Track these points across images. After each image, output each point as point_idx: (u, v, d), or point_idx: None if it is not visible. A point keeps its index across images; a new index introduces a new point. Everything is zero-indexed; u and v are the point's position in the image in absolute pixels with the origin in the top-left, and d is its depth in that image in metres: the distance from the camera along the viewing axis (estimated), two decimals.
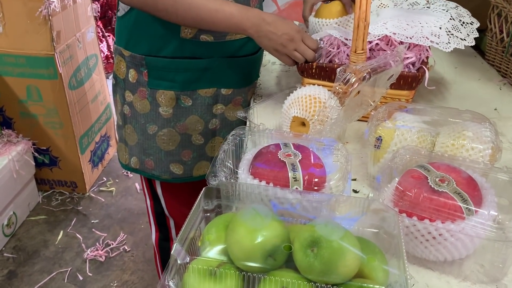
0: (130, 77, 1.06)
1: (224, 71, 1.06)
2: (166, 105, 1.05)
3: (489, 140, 0.72)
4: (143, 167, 1.14)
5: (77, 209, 2.18)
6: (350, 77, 0.74)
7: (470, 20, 1.00)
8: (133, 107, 1.08)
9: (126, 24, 1.02)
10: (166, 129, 1.07)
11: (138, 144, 1.11)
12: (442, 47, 0.91)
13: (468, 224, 0.58)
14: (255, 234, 0.53)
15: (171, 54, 1.01)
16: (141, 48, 1.02)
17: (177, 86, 1.04)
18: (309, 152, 0.71)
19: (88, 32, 2.24)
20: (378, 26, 0.94)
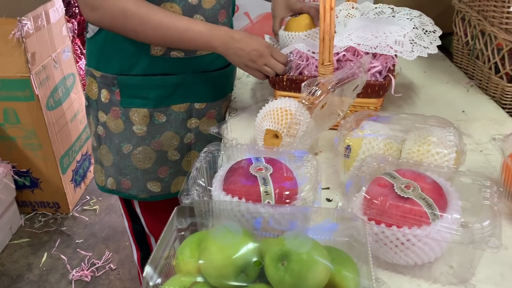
0: (102, 98, 1.06)
1: (196, 85, 1.07)
2: (140, 123, 1.05)
3: (453, 144, 0.74)
4: (120, 188, 1.14)
5: (60, 229, 2.16)
6: (315, 90, 0.76)
7: (433, 28, 1.04)
8: (107, 127, 1.08)
9: (96, 45, 1.03)
10: (141, 147, 1.08)
11: (114, 165, 1.11)
12: (405, 56, 0.93)
13: (433, 229, 0.60)
14: (226, 251, 0.54)
15: (143, 72, 1.02)
16: (112, 67, 1.02)
17: (150, 103, 1.04)
18: (281, 165, 0.72)
19: (64, 52, 2.24)
20: (344, 37, 0.97)
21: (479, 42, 1.19)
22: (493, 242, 0.57)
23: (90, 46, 1.06)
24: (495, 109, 1.10)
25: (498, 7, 1.07)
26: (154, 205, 1.19)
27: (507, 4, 1.02)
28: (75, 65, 2.37)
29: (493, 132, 0.99)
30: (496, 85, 1.13)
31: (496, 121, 1.05)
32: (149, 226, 1.25)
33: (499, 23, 1.07)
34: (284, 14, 1.13)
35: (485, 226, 0.58)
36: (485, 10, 1.14)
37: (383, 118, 0.85)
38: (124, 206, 1.24)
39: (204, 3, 0.98)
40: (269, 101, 0.92)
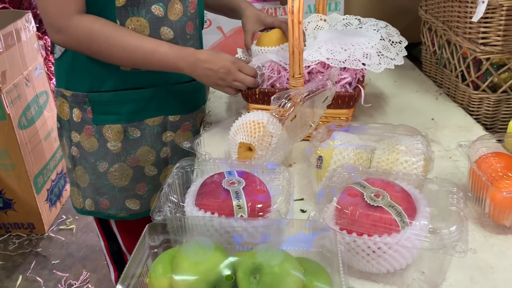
0: (74, 117, 1.05)
1: (169, 98, 1.07)
2: (114, 140, 1.05)
3: (421, 152, 0.76)
4: (99, 208, 1.12)
5: (36, 251, 2.11)
6: (285, 103, 0.77)
7: (399, 39, 1.06)
8: (81, 147, 1.07)
9: (64, 64, 1.02)
10: (117, 164, 1.07)
11: (91, 185, 1.10)
12: (373, 69, 0.95)
13: (403, 236, 0.61)
14: (198, 267, 0.54)
15: (114, 88, 1.01)
16: (82, 85, 1.02)
17: (123, 118, 1.04)
18: (253, 178, 0.73)
19: (36, 69, 2.21)
20: (313, 51, 0.98)
21: (446, 51, 1.22)
22: (460, 246, 0.58)
23: (58, 66, 1.05)
24: (463, 116, 1.13)
25: (461, 17, 1.10)
26: (131, 224, 1.17)
27: (469, 14, 1.05)
28: (48, 83, 2.34)
29: (461, 138, 1.01)
30: (463, 92, 1.16)
31: (464, 127, 1.08)
32: (127, 245, 1.23)
33: (463, 33, 1.10)
34: (255, 28, 1.14)
35: (452, 231, 0.59)
36: (449, 20, 1.17)
37: (353, 129, 0.86)
38: (99, 226, 1.22)
39: (170, 15, 0.98)
40: (242, 115, 0.93)
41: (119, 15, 0.94)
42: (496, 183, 0.71)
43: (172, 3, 0.98)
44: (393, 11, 1.55)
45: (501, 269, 0.67)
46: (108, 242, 1.23)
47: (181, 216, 0.66)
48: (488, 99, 1.10)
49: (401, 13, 1.55)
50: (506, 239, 0.72)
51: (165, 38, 1.00)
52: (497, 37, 1.01)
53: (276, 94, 0.80)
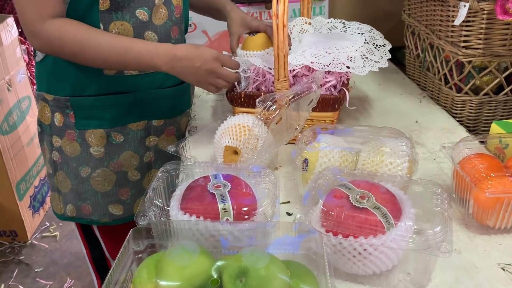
0: (56, 121, 1.03)
1: (153, 102, 1.06)
2: (97, 145, 1.03)
3: (405, 154, 0.77)
4: (80, 214, 1.10)
5: (18, 259, 2.06)
6: (269, 106, 0.77)
7: (382, 42, 1.07)
8: (63, 152, 1.05)
9: (45, 68, 1.01)
10: (100, 170, 1.06)
11: (72, 190, 1.08)
12: (357, 71, 0.96)
13: (389, 237, 0.61)
14: (183, 271, 0.53)
15: (96, 92, 1.00)
16: (64, 90, 1.00)
17: (107, 123, 1.02)
18: (239, 181, 0.72)
19: (18, 74, 2.18)
20: (298, 55, 0.98)
21: (429, 54, 1.24)
22: (444, 247, 0.58)
23: (39, 69, 1.03)
24: (447, 118, 1.15)
25: (443, 21, 1.12)
26: (115, 229, 1.16)
27: (451, 18, 1.07)
28: (31, 88, 2.30)
29: (445, 140, 1.03)
30: (447, 95, 1.17)
31: (447, 129, 1.09)
32: (110, 251, 1.21)
33: (445, 36, 1.12)
34: (241, 31, 1.14)
35: (437, 232, 0.60)
36: (432, 24, 1.19)
37: (339, 131, 0.86)
38: (81, 232, 1.20)
39: (155, 19, 0.98)
40: (228, 118, 0.92)
41: (103, 19, 0.93)
42: (480, 184, 0.72)
43: (157, 7, 0.97)
44: (376, 15, 1.57)
45: (485, 269, 0.68)
46: (91, 248, 1.21)
47: (166, 220, 0.66)
48: (471, 102, 1.11)
49: (385, 17, 1.57)
50: (489, 239, 0.73)
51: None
52: (478, 40, 1.03)
53: (261, 97, 0.80)
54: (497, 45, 1.03)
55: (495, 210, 0.71)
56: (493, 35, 1.02)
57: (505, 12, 0.95)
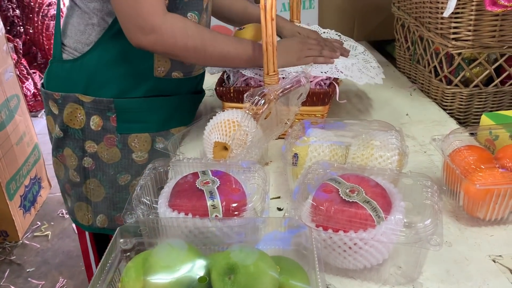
0: (92, 125, 0.98)
1: (192, 106, 1.06)
2: (140, 150, 1.00)
3: (395, 147, 0.76)
4: (113, 225, 1.06)
5: (10, 259, 2.04)
6: (258, 100, 0.76)
7: (376, 65, 1.07)
8: (99, 158, 1.00)
9: (83, 67, 0.96)
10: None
11: (106, 199, 1.04)
12: (355, 80, 0.96)
13: (379, 231, 0.61)
14: (171, 270, 0.53)
15: (143, 94, 0.97)
16: (108, 91, 0.96)
17: (152, 127, 1.00)
18: (228, 177, 0.72)
19: (6, 72, 2.15)
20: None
21: (419, 47, 1.23)
22: (435, 240, 0.58)
23: (71, 69, 0.97)
24: (437, 110, 1.15)
25: (433, 13, 1.11)
26: None
27: (440, 10, 1.06)
28: (19, 86, 2.28)
29: (435, 133, 1.02)
30: (437, 87, 1.17)
31: (438, 122, 1.09)
32: None
33: (434, 28, 1.11)
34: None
35: (427, 225, 0.59)
36: (421, 17, 1.18)
37: (328, 125, 0.86)
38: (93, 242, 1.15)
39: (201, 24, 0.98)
40: (217, 113, 0.91)
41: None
42: (470, 176, 0.72)
43: (203, 12, 0.98)
44: (366, 8, 1.56)
45: (476, 261, 0.68)
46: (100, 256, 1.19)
47: (154, 218, 0.65)
48: (461, 94, 1.11)
49: (375, 10, 1.56)
50: (480, 231, 0.73)
51: None
52: (467, 32, 1.03)
53: (249, 92, 0.79)
54: (487, 37, 1.03)
55: (485, 202, 0.71)
56: (482, 27, 1.02)
57: (494, 3, 0.94)
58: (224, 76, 1.07)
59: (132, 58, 0.94)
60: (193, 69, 1.02)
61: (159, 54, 0.93)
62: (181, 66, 0.99)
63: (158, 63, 0.96)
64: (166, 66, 0.97)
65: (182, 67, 1.00)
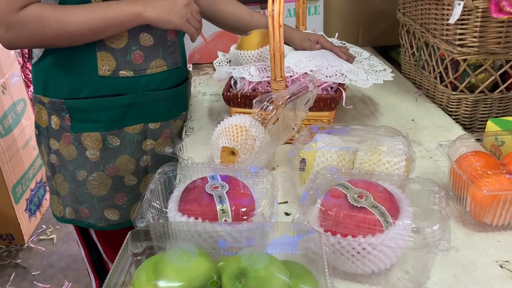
0: (53, 124, 1.03)
1: (149, 105, 1.05)
2: (92, 148, 1.03)
3: (402, 153, 0.77)
4: (79, 217, 1.10)
5: (15, 262, 2.05)
6: (267, 106, 0.77)
7: (382, 67, 1.08)
8: (60, 155, 1.05)
9: (42, 70, 1.00)
10: (96, 173, 1.05)
11: (70, 193, 1.07)
12: (361, 84, 0.96)
13: (387, 236, 0.61)
14: (182, 273, 0.53)
15: (92, 94, 0.99)
16: (59, 92, 0.99)
17: (102, 126, 1.02)
18: (237, 182, 0.72)
19: (13, 77, 2.17)
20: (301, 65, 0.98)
21: (424, 53, 1.24)
22: (443, 245, 0.59)
23: (35, 72, 1.03)
24: (443, 116, 1.15)
25: (438, 20, 1.12)
26: (111, 233, 1.15)
27: (446, 16, 1.07)
28: (26, 90, 2.29)
29: (441, 138, 1.03)
30: (442, 93, 1.18)
31: (443, 128, 1.09)
32: (108, 254, 1.21)
33: (440, 35, 1.12)
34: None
35: (435, 230, 0.60)
36: (427, 23, 1.19)
37: (335, 131, 0.86)
38: (79, 234, 1.19)
39: None
40: (224, 119, 0.92)
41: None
42: (477, 182, 0.72)
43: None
44: (371, 14, 1.57)
45: (483, 266, 0.68)
46: (89, 250, 1.21)
47: (164, 222, 0.65)
48: (466, 100, 1.12)
49: (380, 16, 1.57)
50: (487, 237, 0.74)
51: (145, 44, 0.99)
52: (473, 38, 1.03)
53: (258, 97, 0.80)
54: (492, 43, 1.03)
55: (492, 207, 0.72)
56: (488, 33, 1.03)
57: (499, 10, 0.95)
58: (231, 81, 1.08)
59: (76, 59, 0.96)
60: (146, 67, 1.01)
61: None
62: (129, 64, 0.99)
63: (102, 62, 0.97)
64: (111, 65, 0.97)
65: (131, 65, 0.99)
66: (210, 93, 1.37)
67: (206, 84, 1.45)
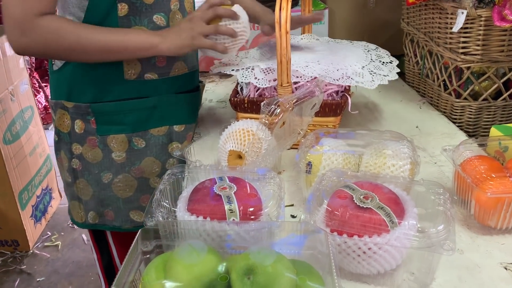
0: (76, 128, 1.03)
1: (173, 107, 1.07)
2: (118, 150, 1.03)
3: (407, 156, 0.78)
4: (104, 220, 1.10)
5: (20, 268, 2.06)
6: (274, 110, 0.79)
7: (389, 59, 1.10)
8: (84, 159, 1.05)
9: (65, 76, 1.01)
10: (121, 175, 1.06)
11: (94, 197, 1.08)
12: (367, 85, 0.98)
13: (393, 236, 0.62)
14: (192, 269, 0.54)
15: (117, 97, 1.01)
16: (85, 96, 1.01)
17: (128, 128, 1.03)
18: (244, 183, 0.74)
19: (22, 85, 2.20)
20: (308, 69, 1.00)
21: (428, 61, 1.26)
22: (448, 245, 0.59)
23: (57, 78, 1.03)
24: (446, 123, 1.16)
25: (442, 28, 1.14)
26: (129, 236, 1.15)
27: (449, 25, 1.09)
28: (33, 98, 2.32)
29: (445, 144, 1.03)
30: (446, 101, 1.19)
31: (447, 134, 1.11)
32: (122, 258, 1.21)
33: (444, 43, 1.14)
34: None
35: (440, 230, 0.61)
36: (431, 32, 1.21)
37: (341, 135, 0.88)
38: (93, 239, 1.19)
39: (172, 25, 1.00)
40: (231, 123, 0.94)
41: (122, 24, 0.94)
42: (481, 185, 0.73)
43: (173, 13, 0.99)
44: (375, 24, 1.60)
45: (488, 268, 0.69)
46: (102, 255, 1.21)
47: (173, 221, 0.67)
48: (470, 107, 1.13)
49: (384, 26, 1.59)
50: (491, 239, 0.74)
51: None
52: (476, 46, 1.05)
53: (266, 101, 0.82)
54: (495, 51, 1.05)
55: (496, 210, 0.73)
56: (491, 41, 1.04)
57: (502, 18, 0.97)
58: (238, 87, 1.10)
59: (102, 65, 0.98)
60: (170, 69, 1.04)
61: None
62: (153, 67, 1.01)
63: (128, 66, 0.99)
64: (137, 68, 1.00)
65: (155, 69, 1.01)
66: (216, 100, 1.39)
67: (212, 91, 1.47)
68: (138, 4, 0.94)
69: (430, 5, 1.19)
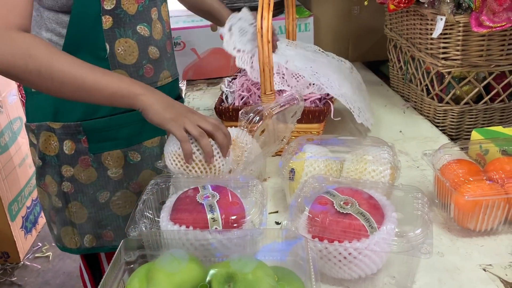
0: (66, 150, 1.00)
1: None
2: (115, 166, 1.02)
3: (387, 161, 0.79)
4: (102, 242, 1.08)
5: (10, 280, 2.05)
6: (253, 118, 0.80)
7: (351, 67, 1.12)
8: (76, 181, 1.02)
9: (49, 96, 0.94)
10: (120, 192, 1.05)
11: (90, 219, 1.05)
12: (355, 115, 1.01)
13: (372, 241, 0.63)
14: (173, 278, 0.55)
15: (108, 113, 0.99)
16: (74, 115, 0.98)
17: (123, 143, 1.02)
18: (227, 191, 0.75)
19: (10, 96, 2.19)
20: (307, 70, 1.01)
21: (411, 66, 1.28)
22: (425, 248, 0.61)
23: (38, 99, 0.99)
24: (430, 127, 1.18)
25: (423, 34, 1.16)
26: None
27: (430, 31, 1.11)
28: (22, 109, 2.32)
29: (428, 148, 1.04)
30: (429, 105, 1.21)
31: (430, 138, 1.12)
32: None
33: (425, 49, 1.16)
34: None
35: (418, 234, 0.62)
36: (412, 38, 1.23)
37: (323, 141, 0.89)
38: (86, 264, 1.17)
39: (154, 34, 1.00)
40: None
41: (108, 37, 0.93)
42: (459, 188, 0.75)
43: (154, 22, 0.99)
44: (360, 30, 1.62)
45: (467, 270, 0.70)
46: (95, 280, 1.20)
47: (156, 231, 0.67)
48: (452, 111, 1.15)
49: (368, 32, 1.62)
50: (471, 242, 0.76)
51: (152, 57, 1.00)
52: (456, 51, 1.07)
53: (244, 109, 0.83)
54: (474, 56, 1.07)
55: (474, 213, 0.74)
56: (470, 47, 1.06)
57: (479, 24, 0.99)
58: (223, 96, 1.11)
59: None
60: (157, 79, 1.03)
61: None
62: (141, 78, 0.98)
63: None
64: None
65: (143, 79, 0.98)
66: (203, 108, 1.40)
67: (199, 99, 1.48)
68: (122, 15, 0.94)
69: (411, 11, 1.21)
